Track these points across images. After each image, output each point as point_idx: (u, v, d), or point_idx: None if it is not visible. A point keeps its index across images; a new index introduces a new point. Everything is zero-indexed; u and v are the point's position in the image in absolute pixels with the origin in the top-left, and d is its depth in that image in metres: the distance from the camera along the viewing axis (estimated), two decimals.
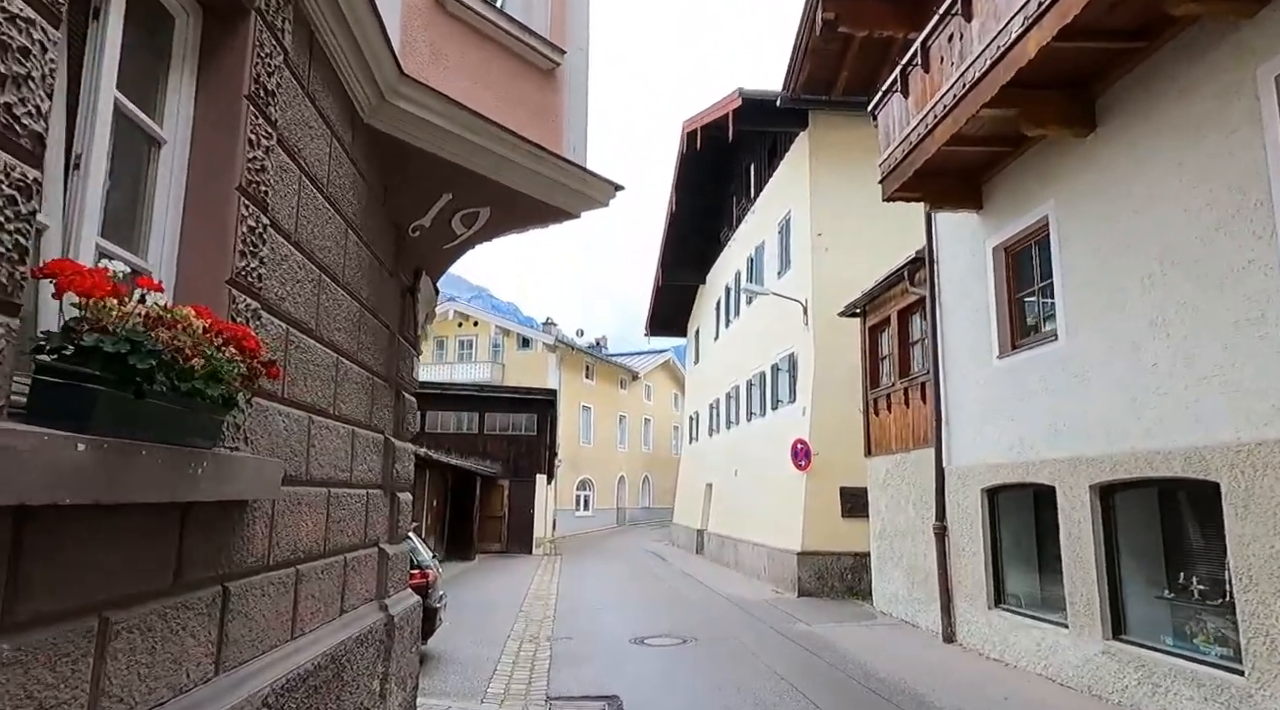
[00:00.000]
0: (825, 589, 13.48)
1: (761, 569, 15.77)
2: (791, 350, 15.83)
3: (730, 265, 22.01)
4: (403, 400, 5.44)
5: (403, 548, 5.47)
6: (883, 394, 11.66)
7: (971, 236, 8.99)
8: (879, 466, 11.77)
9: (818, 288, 14.83)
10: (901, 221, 14.64)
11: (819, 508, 13.92)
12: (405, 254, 5.46)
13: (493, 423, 24.46)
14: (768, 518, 15.89)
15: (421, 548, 8.81)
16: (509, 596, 13.54)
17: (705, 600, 13.25)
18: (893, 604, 11.06)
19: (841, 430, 14.19)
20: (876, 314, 11.94)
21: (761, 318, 18.29)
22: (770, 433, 16.95)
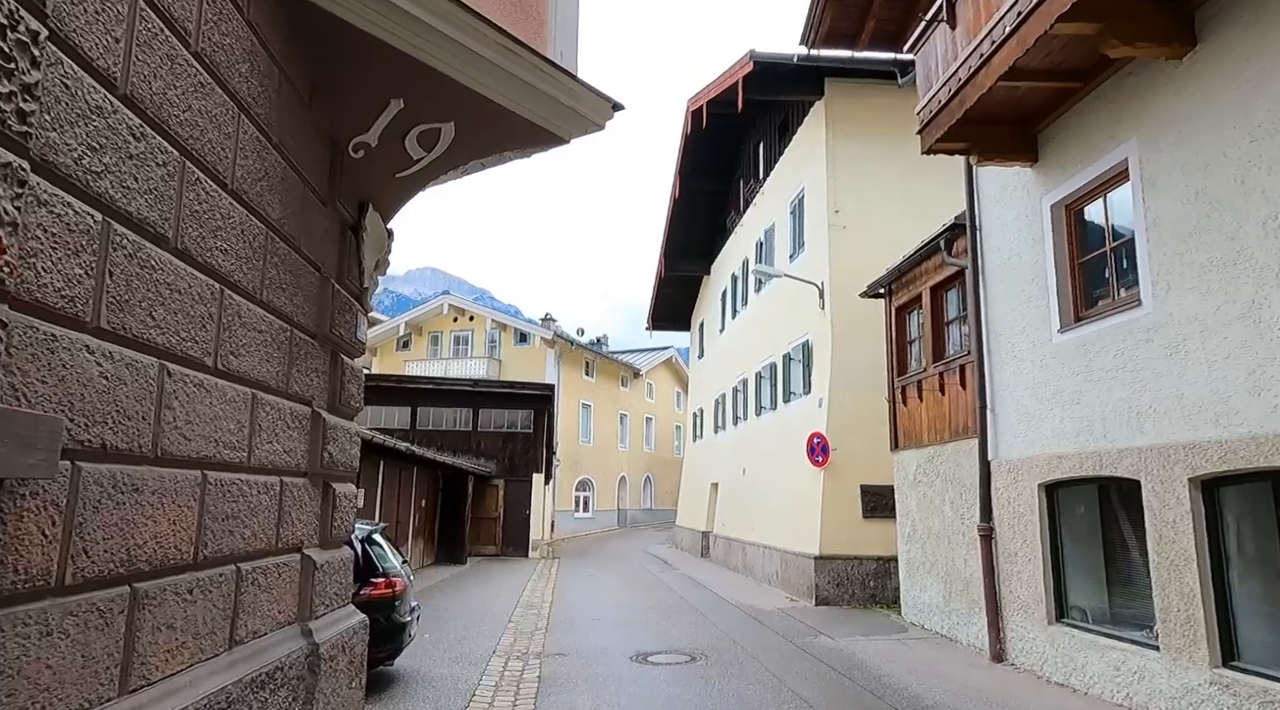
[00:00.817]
0: (845, 597, 12.30)
1: (774, 574, 14.59)
2: (806, 338, 14.66)
3: (737, 253, 20.85)
4: (341, 366, 4.26)
5: (341, 554, 4.29)
6: (912, 381, 10.49)
7: (1024, 195, 7.82)
8: (908, 461, 10.60)
9: (835, 269, 13.66)
10: (926, 197, 13.51)
11: (838, 508, 12.74)
12: (346, 180, 4.29)
13: (487, 419, 23.29)
14: (780, 519, 14.72)
15: (390, 552, 7.65)
16: (499, 604, 12.37)
17: (714, 610, 12.07)
18: (926, 615, 9.88)
19: (862, 423, 13.04)
20: (904, 292, 10.77)
21: (772, 305, 17.13)
22: (782, 428, 15.78)
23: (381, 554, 7.37)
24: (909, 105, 14.60)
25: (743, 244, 20.17)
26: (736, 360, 20.26)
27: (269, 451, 3.38)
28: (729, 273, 21.70)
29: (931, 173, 13.87)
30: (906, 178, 13.92)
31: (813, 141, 14.79)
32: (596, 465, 34.64)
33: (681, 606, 12.41)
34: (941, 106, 7.39)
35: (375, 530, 7.47)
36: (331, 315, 4.10)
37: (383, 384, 24.30)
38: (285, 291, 3.55)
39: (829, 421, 13.18)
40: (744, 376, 19.33)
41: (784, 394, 15.79)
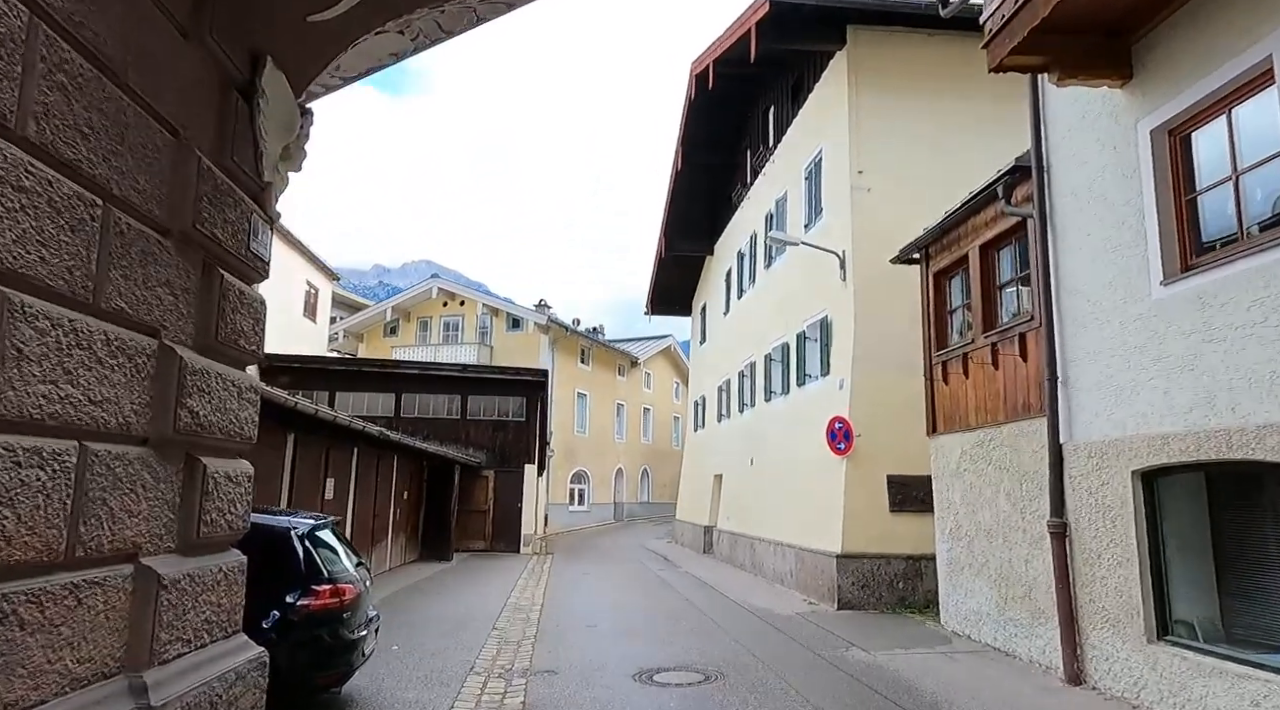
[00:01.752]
0: (871, 600, 10.99)
1: (787, 574, 13.27)
2: (824, 314, 13.31)
3: (744, 228, 19.48)
4: (221, 287, 2.87)
5: (220, 562, 2.91)
6: (955, 355, 9.16)
7: (1111, 123, 6.47)
8: (949, 447, 9.27)
9: (858, 236, 12.31)
10: (960, 158, 12.15)
11: (862, 501, 11.42)
12: (227, 10, 2.89)
13: (477, 407, 21.92)
14: (796, 513, 13.40)
15: (342, 552, 6.30)
16: (483, 608, 11.04)
17: (725, 614, 10.75)
18: (972, 624, 8.56)
19: (889, 406, 11.72)
20: (946, 255, 9.43)
21: (784, 280, 15.77)
22: (796, 413, 14.44)
23: (330, 556, 6.01)
24: (939, 56, 13.28)
25: (750, 218, 18.80)
26: (743, 343, 18.91)
27: (50, 398, 2.01)
28: (735, 250, 20.33)
29: (965, 130, 12.57)
30: (937, 136, 12.59)
31: (833, 97, 13.41)
32: (592, 457, 33.32)
33: (687, 611, 11.09)
34: (1017, 9, 6.03)
35: (322, 525, 6.12)
36: (200, 206, 2.73)
37: (365, 369, 22.95)
38: (99, 146, 2.17)
39: (852, 405, 11.84)
40: (751, 360, 17.99)
41: (798, 376, 14.45)
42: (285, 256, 23.61)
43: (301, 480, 10.70)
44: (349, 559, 6.36)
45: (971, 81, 12.95)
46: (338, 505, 12.36)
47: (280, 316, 23.41)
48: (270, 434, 9.66)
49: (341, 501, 12.56)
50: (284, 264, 23.62)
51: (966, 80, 12.94)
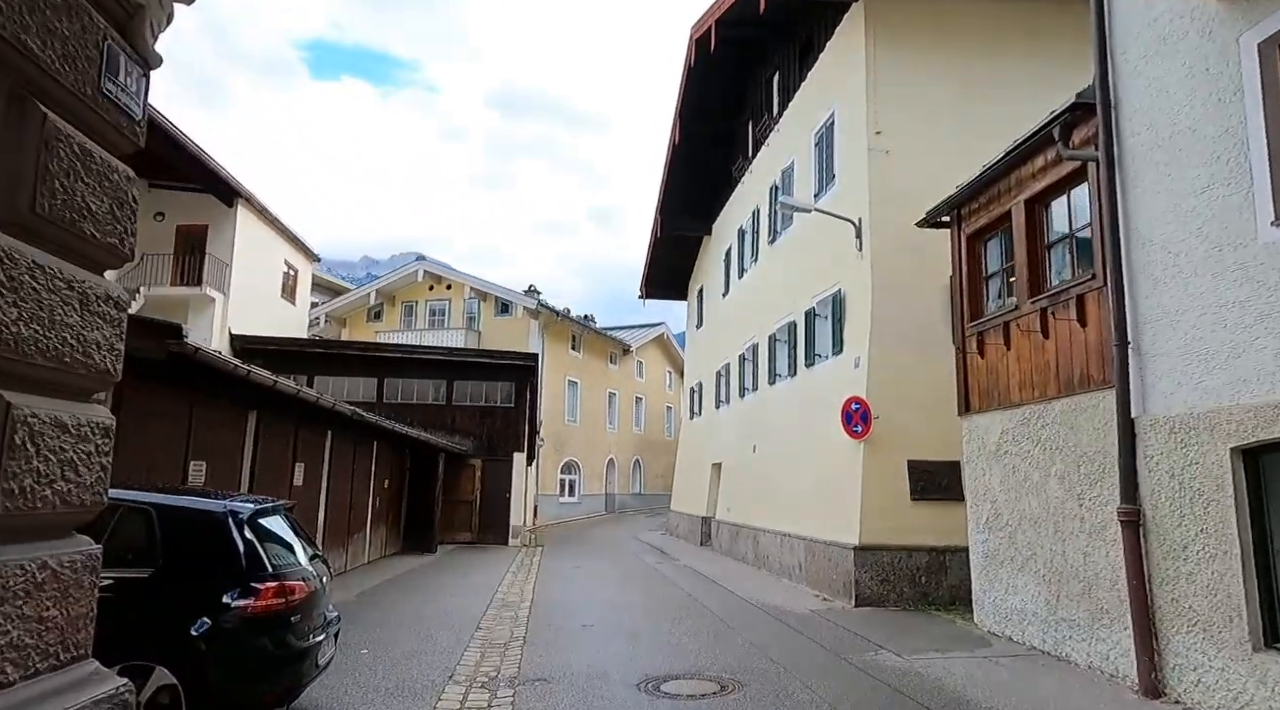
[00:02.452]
0: (892, 596, 10.08)
1: (796, 567, 12.35)
2: (836, 288, 12.36)
3: (746, 203, 18.50)
4: (45, 132, 1.80)
5: (47, 553, 1.86)
6: (993, 325, 8.22)
7: (1202, 41, 5.53)
8: (987, 427, 8.34)
9: (876, 201, 11.35)
10: (987, 118, 11.18)
11: (881, 488, 10.50)
12: None
13: (463, 392, 20.88)
14: (805, 503, 12.47)
15: (295, 543, 5.29)
16: (468, 604, 10.06)
17: (733, 612, 9.81)
18: (1015, 624, 7.65)
19: (909, 386, 10.81)
20: (983, 214, 8.48)
21: (791, 255, 14.81)
22: (805, 396, 13.50)
23: (279, 548, 5.00)
24: (964, 10, 12.35)
25: (753, 192, 17.81)
26: (744, 324, 17.95)
27: None
28: (735, 227, 19.34)
29: (991, 92, 11.61)
30: (961, 97, 11.65)
31: (847, 52, 12.42)
32: (583, 447, 32.33)
33: (691, 607, 10.14)
34: None
35: (268, 509, 5.10)
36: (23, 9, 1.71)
37: (345, 352, 21.87)
38: None
39: (869, 384, 10.90)
40: (753, 342, 17.04)
41: (807, 357, 13.50)
42: (261, 233, 22.46)
43: (266, 465, 9.66)
44: (303, 551, 5.35)
45: (997, 39, 12.05)
46: (308, 493, 11.34)
47: (255, 297, 22.30)
48: (226, 411, 8.63)
49: (313, 489, 11.52)
50: (260, 241, 22.46)
51: (993, 37, 12.03)
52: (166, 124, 17.62)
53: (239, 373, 6.48)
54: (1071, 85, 7.46)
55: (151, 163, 19.98)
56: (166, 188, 21.06)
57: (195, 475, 7.80)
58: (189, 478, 7.66)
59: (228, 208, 20.98)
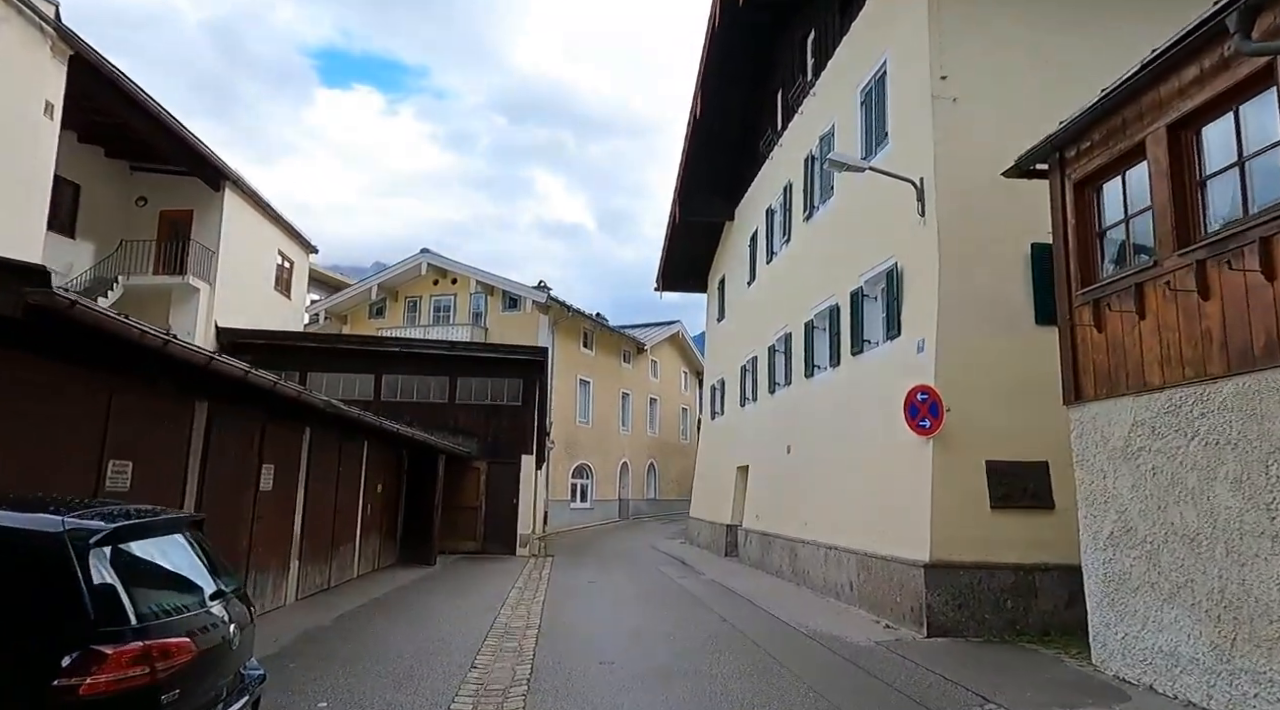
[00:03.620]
0: (971, 623, 8.38)
1: (845, 585, 10.66)
2: (890, 262, 10.68)
3: (775, 179, 16.84)
4: None
5: None
6: (1117, 288, 6.53)
7: None
8: (1110, 418, 6.64)
9: (943, 158, 9.68)
10: (1074, 60, 9.56)
11: (955, 494, 8.81)
12: None
13: (468, 390, 19.30)
14: (856, 510, 10.78)
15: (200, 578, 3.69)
16: (462, 632, 8.43)
17: (781, 643, 8.13)
18: (1160, 670, 5.94)
19: (986, 373, 9.14)
20: (1100, 152, 6.79)
21: (833, 229, 13.14)
22: (851, 388, 11.82)
23: (162, 589, 3.40)
24: None
25: (784, 166, 16.16)
26: (773, 313, 16.29)
27: None
28: (763, 208, 17.68)
29: (1069, 31, 9.98)
30: (1041, 32, 10.00)
31: None
32: (595, 449, 30.69)
33: (728, 636, 8.46)
34: None
35: (149, 525, 3.49)
36: None
37: (341, 346, 20.36)
38: None
39: (938, 371, 9.21)
40: (785, 331, 15.37)
41: (854, 343, 11.81)
42: (252, 220, 20.99)
43: (221, 466, 8.08)
44: (210, 586, 3.74)
45: None
46: (280, 499, 9.75)
47: (246, 288, 20.82)
48: (163, 400, 7.04)
49: (285, 495, 9.94)
50: (251, 229, 21.00)
51: None
52: (148, 102, 16.16)
53: (154, 341, 4.89)
54: (1184, 10, 5.84)
55: (133, 145, 18.55)
56: (149, 171, 19.64)
57: (115, 479, 6.22)
58: (105, 483, 6.08)
59: (214, 192, 19.53)
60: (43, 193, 13.47)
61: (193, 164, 18.69)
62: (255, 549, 9.00)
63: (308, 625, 8.61)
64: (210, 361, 5.69)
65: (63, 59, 13.27)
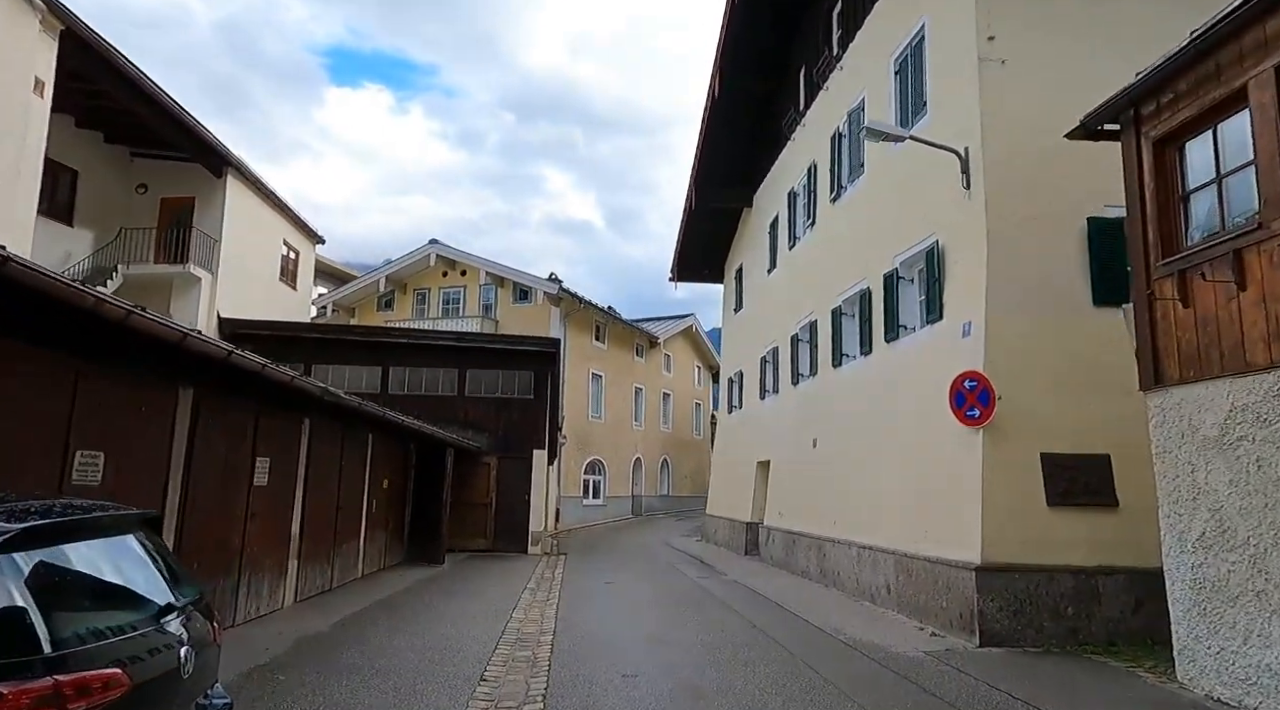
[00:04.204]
0: (1028, 632, 7.63)
1: (881, 588, 9.93)
2: (930, 241, 9.92)
3: (798, 160, 16.08)
4: None
5: None
6: (1210, 256, 5.77)
7: None
8: (1200, 404, 5.88)
9: (991, 125, 8.91)
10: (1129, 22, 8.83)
11: (1007, 490, 8.06)
12: None
13: (477, 383, 18.64)
14: (891, 506, 10.04)
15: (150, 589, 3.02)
16: (472, 638, 7.77)
17: (819, 653, 7.41)
18: (1265, 689, 5.19)
19: (1038, 357, 8.42)
20: (1185, 104, 6.02)
21: (865, 209, 12.37)
22: (885, 376, 11.07)
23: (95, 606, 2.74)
24: None
25: (808, 146, 15.39)
26: (797, 301, 15.55)
27: None
28: (784, 191, 16.93)
29: None
30: None
31: None
32: (608, 445, 30.02)
33: (760, 645, 7.75)
34: None
35: (77, 522, 2.81)
36: None
37: (346, 338, 19.74)
38: None
39: (987, 356, 8.46)
40: (810, 319, 14.62)
41: (887, 330, 11.06)
42: (255, 207, 20.40)
43: (210, 460, 7.44)
44: (157, 596, 3.07)
45: None
46: (276, 496, 9.11)
47: (249, 278, 20.24)
48: (142, 387, 6.39)
49: (282, 490, 9.29)
50: (254, 217, 20.42)
51: None
52: (146, 82, 15.57)
53: (109, 312, 4.23)
54: None
55: (133, 130, 17.96)
56: (149, 157, 19.07)
57: (84, 472, 5.57)
58: (71, 476, 5.43)
59: (216, 179, 18.94)
60: (33, 175, 12.87)
61: (194, 150, 18.12)
62: (249, 549, 8.37)
63: (304, 631, 7.97)
64: (185, 339, 5.03)
65: (53, 34, 12.66)
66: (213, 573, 7.59)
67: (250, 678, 6.06)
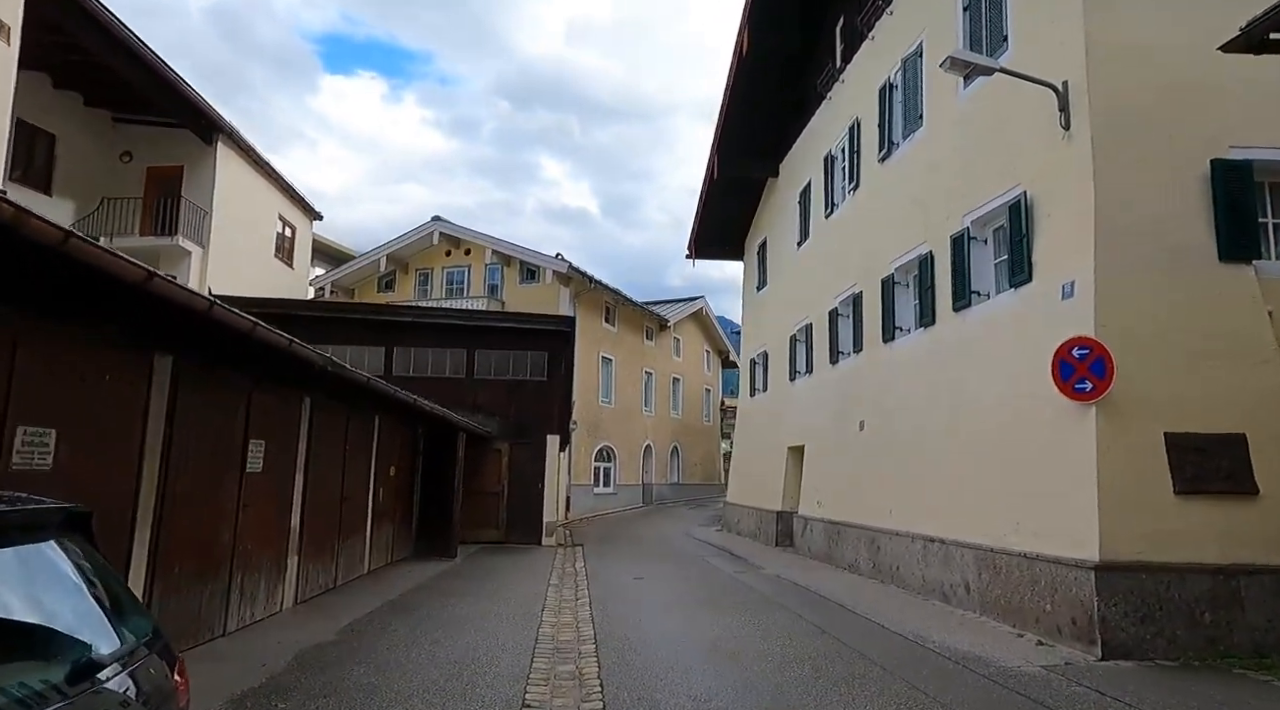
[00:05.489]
0: (1160, 641, 6.50)
1: (958, 587, 8.80)
2: (1016, 193, 8.72)
3: (836, 122, 14.84)
4: None
5: None
6: None
7: None
8: None
9: (1099, 55, 7.70)
10: None
11: (1126, 476, 6.90)
12: None
13: (486, 364, 17.46)
14: (969, 495, 8.89)
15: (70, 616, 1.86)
16: (501, 648, 6.63)
17: (913, 666, 6.26)
18: None
19: (1155, 322, 7.26)
20: None
21: (921, 166, 11.15)
22: (954, 349, 9.90)
23: None
24: None
25: (849, 104, 14.16)
26: (835, 273, 14.37)
27: None
28: (820, 156, 15.69)
29: None
30: None
31: None
32: (618, 431, 28.86)
33: (845, 659, 6.60)
34: None
35: None
36: None
37: (346, 315, 18.51)
38: None
39: (1098, 320, 7.29)
40: (852, 291, 13.45)
41: (956, 297, 9.89)
42: (248, 178, 19.15)
43: (193, 442, 6.28)
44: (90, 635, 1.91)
45: None
46: (273, 483, 7.95)
47: (243, 254, 19.00)
48: (103, 351, 5.21)
49: (280, 478, 8.13)
50: (248, 188, 19.17)
51: None
52: (133, 43, 14.30)
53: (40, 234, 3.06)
54: None
55: (117, 93, 16.65)
56: (134, 122, 17.78)
57: (29, 454, 4.40)
58: (11, 458, 4.26)
59: (206, 146, 17.68)
60: None
61: (182, 114, 16.84)
62: (242, 544, 7.22)
63: (306, 640, 6.83)
64: (150, 279, 3.84)
65: None
66: (200, 575, 6.44)
67: (241, 707, 4.91)
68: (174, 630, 5.64)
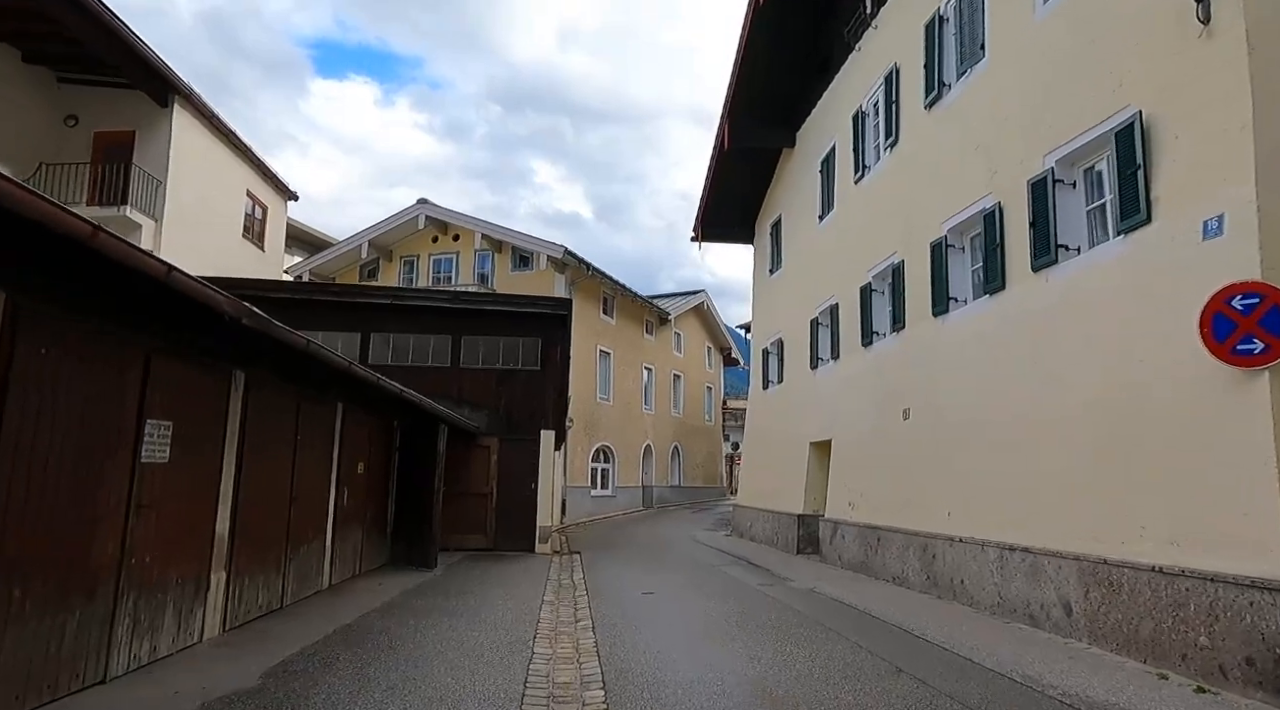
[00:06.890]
0: None
1: (1052, 607, 7.06)
2: (1127, 115, 6.99)
3: (868, 71, 13.11)
4: None
5: None
6: None
7: None
8: None
9: None
10: None
11: None
12: None
13: (473, 351, 15.68)
14: (1062, 493, 7.15)
15: None
16: (480, 697, 4.86)
17: None
18: None
19: None
20: None
21: (985, 104, 9.41)
22: (1034, 317, 8.16)
23: None
24: None
25: (886, 49, 12.42)
26: (867, 244, 12.66)
27: None
28: (847, 115, 13.98)
29: None
30: None
31: None
32: (617, 430, 27.10)
33: (931, 703, 4.86)
34: None
35: None
36: None
37: (318, 297, 16.61)
38: None
39: (1265, 260, 5.57)
40: (890, 262, 11.74)
41: (1036, 254, 8.16)
42: (209, 146, 17.35)
43: (41, 413, 4.49)
44: None
45: None
46: (187, 478, 6.14)
47: (205, 231, 17.20)
48: None
49: (198, 471, 6.33)
50: (209, 157, 17.38)
51: None
52: None
53: None
54: None
55: (59, 46, 14.86)
56: (80, 82, 15.96)
57: None
58: None
59: (161, 109, 15.89)
60: None
61: (135, 74, 15.05)
62: (136, 557, 5.43)
63: (217, 688, 5.04)
64: None
65: None
66: (60, 599, 4.65)
67: None
68: (6, 677, 3.89)
